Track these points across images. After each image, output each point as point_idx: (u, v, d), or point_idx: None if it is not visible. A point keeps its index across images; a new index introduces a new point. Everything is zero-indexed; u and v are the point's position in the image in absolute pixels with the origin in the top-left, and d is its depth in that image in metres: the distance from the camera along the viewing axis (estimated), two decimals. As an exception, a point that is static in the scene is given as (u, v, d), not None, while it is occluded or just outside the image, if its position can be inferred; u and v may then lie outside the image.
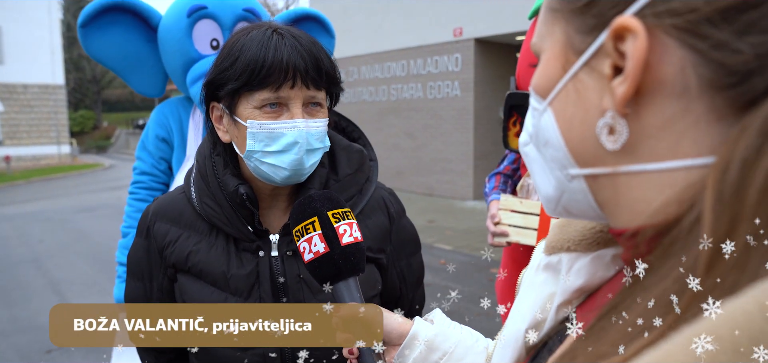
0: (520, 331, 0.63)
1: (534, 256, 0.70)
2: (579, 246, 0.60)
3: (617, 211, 0.48)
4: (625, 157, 0.44)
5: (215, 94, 1.07)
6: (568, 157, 0.49)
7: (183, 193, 1.18)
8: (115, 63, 2.36)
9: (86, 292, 6.08)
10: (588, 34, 0.45)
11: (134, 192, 2.34)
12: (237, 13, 2.27)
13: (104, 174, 19.94)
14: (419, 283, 1.34)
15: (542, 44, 0.51)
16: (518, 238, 2.00)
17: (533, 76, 0.52)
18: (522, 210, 2.02)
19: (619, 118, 0.43)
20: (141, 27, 2.35)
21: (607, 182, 0.47)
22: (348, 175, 1.16)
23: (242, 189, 1.08)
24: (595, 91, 0.45)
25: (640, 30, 0.40)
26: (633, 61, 0.40)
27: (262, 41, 1.01)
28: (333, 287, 0.88)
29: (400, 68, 11.62)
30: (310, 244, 0.88)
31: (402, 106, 11.64)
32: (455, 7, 10.42)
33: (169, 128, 2.33)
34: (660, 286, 0.38)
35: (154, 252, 1.17)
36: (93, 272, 6.82)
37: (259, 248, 1.12)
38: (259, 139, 1.03)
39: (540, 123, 0.51)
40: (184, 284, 1.13)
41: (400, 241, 1.25)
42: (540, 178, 0.54)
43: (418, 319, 0.87)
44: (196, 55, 2.24)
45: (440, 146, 11.09)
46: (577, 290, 0.58)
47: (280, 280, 1.11)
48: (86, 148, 32.60)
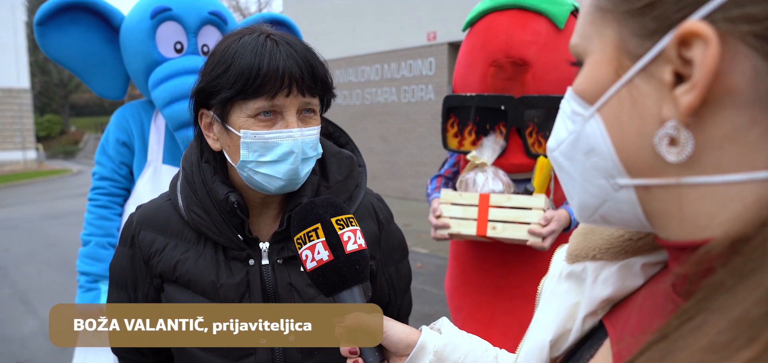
0: (544, 342, 0.60)
1: (554, 264, 0.67)
2: (606, 254, 0.58)
3: (671, 223, 0.45)
4: (686, 169, 0.42)
5: (206, 102, 1.04)
6: (618, 167, 0.46)
7: (169, 201, 1.15)
8: (75, 63, 2.28)
9: (56, 301, 5.84)
10: (647, 37, 0.42)
11: (94, 198, 2.26)
12: (202, 15, 2.22)
13: (72, 180, 19.44)
14: (407, 289, 1.34)
15: (588, 45, 0.48)
16: (459, 229, 2.06)
17: (576, 80, 0.49)
18: (461, 202, 2.08)
19: (683, 129, 0.41)
20: (102, 27, 2.27)
21: (662, 193, 0.45)
22: (339, 182, 1.15)
23: (233, 197, 1.05)
24: (652, 98, 0.42)
25: (712, 36, 0.37)
26: (703, 69, 0.38)
27: (256, 48, 0.97)
28: (336, 296, 0.84)
29: (374, 72, 11.61)
30: (313, 252, 0.83)
31: (376, 110, 11.63)
32: (429, 11, 10.46)
33: (130, 132, 2.26)
34: (738, 307, 0.35)
35: (140, 261, 1.13)
36: (62, 281, 6.60)
37: (249, 257, 1.10)
38: (253, 149, 1.00)
39: (584, 130, 0.48)
40: (171, 294, 1.10)
41: (389, 248, 1.25)
42: (575, 185, 0.51)
43: (426, 328, 0.84)
44: (159, 58, 2.18)
45: (414, 150, 11.10)
46: (604, 300, 0.57)
47: (270, 288, 1.09)
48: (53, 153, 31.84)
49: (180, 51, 2.21)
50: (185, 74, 2.12)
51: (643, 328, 0.50)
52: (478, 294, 2.26)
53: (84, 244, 2.23)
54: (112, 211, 2.25)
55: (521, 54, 1.99)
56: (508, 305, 2.20)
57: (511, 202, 2.00)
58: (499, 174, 2.10)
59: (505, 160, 2.12)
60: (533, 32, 2.00)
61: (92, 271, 2.20)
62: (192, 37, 2.20)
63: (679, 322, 0.39)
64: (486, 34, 2.06)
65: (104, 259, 2.22)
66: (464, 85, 2.18)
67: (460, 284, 2.33)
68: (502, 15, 2.05)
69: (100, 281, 2.23)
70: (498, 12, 2.06)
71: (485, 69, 2.07)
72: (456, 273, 2.37)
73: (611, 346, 0.53)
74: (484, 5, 2.10)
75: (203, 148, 1.11)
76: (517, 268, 2.18)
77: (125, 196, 2.31)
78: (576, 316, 0.59)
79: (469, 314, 2.25)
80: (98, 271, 2.21)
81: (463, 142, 2.20)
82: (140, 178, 2.24)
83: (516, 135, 2.11)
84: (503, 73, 2.04)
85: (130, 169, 2.29)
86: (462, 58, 2.21)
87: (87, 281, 2.21)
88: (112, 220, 2.25)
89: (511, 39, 2.00)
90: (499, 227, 2.00)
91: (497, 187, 2.07)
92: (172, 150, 2.26)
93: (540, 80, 2.02)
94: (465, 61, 2.18)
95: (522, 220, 1.98)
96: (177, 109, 2.09)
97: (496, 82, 2.07)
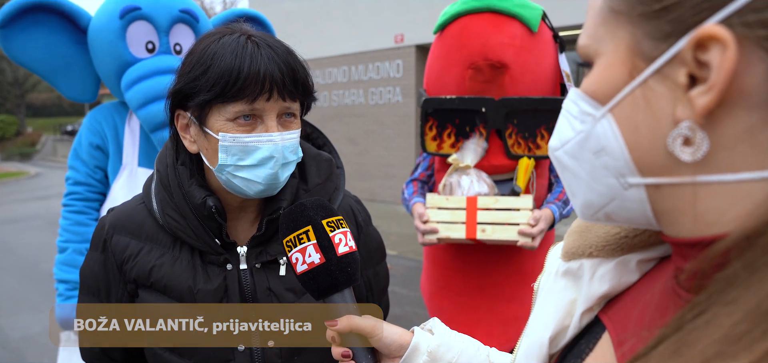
0: (543, 338, 0.61)
1: (549, 262, 0.69)
2: (602, 252, 0.59)
3: (679, 221, 0.47)
4: (699, 168, 0.43)
5: (183, 103, 1.01)
6: (630, 166, 0.47)
7: (142, 204, 1.12)
8: (41, 67, 2.21)
9: (15, 309, 5.68)
10: (662, 40, 0.43)
11: (69, 204, 2.20)
12: (173, 14, 2.19)
13: (30, 182, 18.76)
14: (384, 292, 1.32)
15: (598, 47, 0.49)
16: (448, 233, 2.05)
17: (586, 80, 0.50)
18: (448, 206, 2.07)
19: (698, 130, 0.42)
20: (68, 28, 2.21)
21: (671, 192, 0.46)
22: (318, 185, 1.14)
23: (211, 201, 1.03)
24: (667, 99, 0.43)
25: (730, 41, 0.39)
26: (721, 72, 0.39)
27: (236, 50, 0.95)
28: (328, 300, 0.82)
29: (342, 74, 11.59)
30: (303, 255, 0.81)
31: (344, 112, 11.61)
32: (396, 14, 10.50)
33: (103, 135, 2.21)
34: (752, 299, 0.37)
35: (112, 266, 1.10)
36: (21, 288, 6.37)
37: (226, 261, 1.08)
38: (231, 153, 0.98)
39: (594, 129, 0.49)
40: (146, 300, 1.08)
41: (367, 250, 1.24)
42: (580, 184, 0.52)
43: (418, 329, 0.84)
44: (130, 59, 2.14)
45: (382, 152, 11.12)
46: (601, 296, 0.58)
47: (249, 293, 1.07)
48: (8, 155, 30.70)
49: (152, 51, 2.17)
50: (159, 74, 2.09)
51: (647, 323, 0.52)
52: (459, 296, 2.26)
53: (61, 251, 2.17)
54: (88, 216, 2.20)
55: (499, 56, 2.00)
56: (490, 306, 2.21)
57: (499, 204, 2.01)
58: (482, 176, 2.11)
59: (485, 162, 2.13)
60: (509, 35, 2.01)
61: (71, 279, 2.15)
62: (164, 37, 2.17)
63: (693, 315, 0.40)
64: (461, 37, 2.06)
65: None
66: (439, 88, 2.17)
67: (441, 287, 2.33)
68: (476, 18, 2.05)
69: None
70: (472, 15, 2.06)
71: (462, 71, 2.07)
72: (436, 276, 2.36)
73: (611, 340, 0.55)
74: (456, 8, 2.10)
75: (179, 149, 1.09)
76: (498, 269, 2.19)
77: (101, 201, 2.26)
78: (573, 313, 0.60)
79: (452, 316, 2.24)
80: (77, 278, 2.17)
81: (441, 145, 2.20)
82: (116, 181, 2.19)
83: (495, 137, 2.12)
84: (481, 76, 2.05)
85: (105, 173, 2.23)
86: (435, 61, 2.20)
87: (66, 289, 2.15)
88: (89, 225, 2.19)
89: (488, 42, 2.00)
90: (489, 229, 2.00)
91: (482, 189, 2.07)
92: (147, 152, 2.22)
93: (517, 82, 2.04)
94: (439, 64, 2.17)
95: (511, 221, 1.99)
96: (152, 111, 2.06)
97: (473, 85, 2.07)
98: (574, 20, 6.62)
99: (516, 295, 2.19)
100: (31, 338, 4.90)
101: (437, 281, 2.35)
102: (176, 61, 2.16)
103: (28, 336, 4.96)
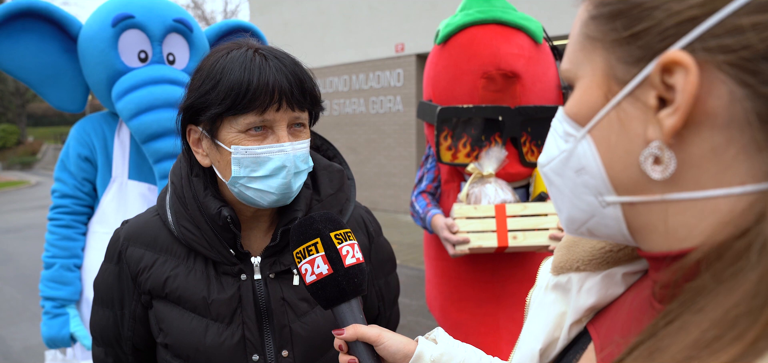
0: (534, 351, 0.64)
1: (540, 276, 0.71)
2: (588, 265, 0.62)
3: (652, 237, 0.49)
4: (669, 186, 0.46)
5: (194, 118, 1.02)
6: (607, 185, 0.50)
7: (157, 216, 1.14)
8: (29, 75, 2.14)
9: (16, 318, 5.63)
10: (633, 64, 0.45)
11: (56, 218, 2.13)
12: (167, 23, 2.14)
13: (31, 192, 18.75)
14: (395, 302, 1.35)
15: (578, 71, 0.51)
16: (480, 242, 2.05)
17: (568, 103, 0.53)
18: (477, 215, 2.07)
19: (666, 150, 0.44)
20: (58, 36, 2.15)
21: (644, 209, 0.48)
22: (330, 195, 1.16)
23: (226, 212, 1.05)
24: (638, 121, 0.46)
25: (691, 65, 0.41)
26: (684, 95, 0.42)
27: (245, 63, 0.98)
28: (335, 309, 0.86)
29: (343, 83, 11.57)
30: (312, 266, 0.85)
31: (344, 121, 11.58)
32: (397, 23, 10.49)
33: (91, 146, 2.14)
34: (719, 308, 0.39)
35: (127, 278, 1.12)
36: (22, 297, 6.33)
37: (240, 271, 1.09)
38: (244, 165, 1.00)
39: (576, 150, 0.51)
40: (161, 311, 1.09)
41: (378, 260, 1.26)
42: (564, 200, 0.54)
43: (422, 338, 0.87)
44: (122, 68, 2.08)
45: (383, 161, 11.09)
46: (589, 309, 0.61)
47: (263, 303, 1.09)
48: (9, 164, 30.73)
49: (144, 60, 2.12)
50: (151, 84, 2.03)
51: (626, 332, 0.55)
52: (477, 307, 2.25)
53: (47, 267, 2.10)
54: (76, 230, 2.13)
55: (512, 66, 2.04)
56: (510, 314, 2.21)
57: (527, 211, 2.03)
58: (502, 184, 2.12)
59: (501, 170, 2.15)
60: (518, 46, 2.05)
61: (58, 296, 2.08)
62: (157, 46, 2.12)
63: (665, 322, 0.43)
64: (471, 47, 2.08)
65: (70, 283, 2.09)
66: (450, 98, 2.18)
67: (456, 300, 2.31)
68: (484, 29, 2.08)
69: (67, 306, 2.11)
70: (479, 26, 2.09)
71: (474, 81, 2.09)
72: (448, 289, 2.33)
73: (595, 350, 0.58)
74: (463, 20, 2.12)
75: (192, 162, 1.10)
76: (512, 276, 2.20)
77: (89, 214, 2.18)
78: (563, 325, 0.63)
79: (473, 328, 2.24)
80: (65, 295, 2.09)
81: (457, 155, 2.20)
82: (105, 195, 2.12)
83: (510, 145, 2.15)
84: (493, 85, 2.08)
85: (94, 186, 2.17)
86: (444, 71, 2.19)
87: (53, 306, 2.08)
88: (77, 240, 2.13)
89: (499, 52, 2.04)
90: (520, 236, 2.01)
91: (508, 197, 2.08)
92: (138, 164, 2.16)
93: (528, 91, 2.09)
94: (449, 74, 2.17)
95: (541, 226, 2.00)
96: (144, 121, 2.00)
97: (486, 94, 2.10)
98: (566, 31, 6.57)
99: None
100: (33, 348, 4.84)
101: (451, 294, 2.33)
102: (169, 70, 2.11)
103: (30, 346, 4.90)
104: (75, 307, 2.15)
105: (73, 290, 2.10)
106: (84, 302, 2.15)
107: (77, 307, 2.16)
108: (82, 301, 2.16)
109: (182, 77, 2.12)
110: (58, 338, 2.09)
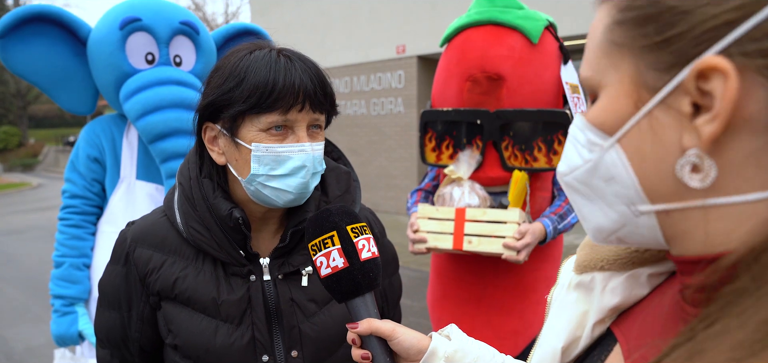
0: (556, 349, 0.64)
1: (562, 274, 0.71)
2: (613, 265, 0.61)
3: (689, 242, 0.48)
4: (709, 192, 0.44)
5: (214, 116, 1.03)
6: (640, 194, 0.48)
7: (164, 217, 1.14)
8: (40, 78, 2.19)
9: (18, 320, 5.65)
10: (665, 71, 0.44)
11: (66, 218, 2.17)
12: (174, 26, 2.17)
13: (32, 193, 18.76)
14: (398, 303, 1.36)
15: (602, 79, 0.50)
16: (436, 243, 2.08)
17: (592, 111, 0.51)
18: (438, 217, 2.10)
19: (706, 158, 0.43)
20: (68, 39, 2.19)
21: (681, 216, 0.47)
22: (337, 197, 1.17)
23: (237, 213, 1.05)
24: (672, 129, 0.45)
25: (731, 71, 0.40)
26: (724, 101, 0.41)
27: (270, 63, 0.99)
28: (349, 303, 0.86)
29: (344, 85, 11.60)
30: (328, 259, 0.85)
31: (345, 123, 11.61)
32: (398, 24, 10.52)
33: (101, 148, 2.19)
34: (763, 310, 0.38)
35: (135, 279, 1.11)
36: (24, 299, 6.35)
37: (250, 272, 1.09)
38: (264, 163, 1.01)
39: (603, 159, 0.50)
40: (170, 312, 1.09)
41: (383, 261, 1.26)
42: (592, 209, 0.53)
43: (436, 334, 0.87)
44: (130, 70, 2.12)
45: (384, 162, 11.11)
46: (612, 308, 0.60)
47: (272, 304, 1.09)
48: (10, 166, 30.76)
49: (152, 62, 2.16)
50: (158, 85, 2.07)
51: (655, 334, 0.53)
52: (456, 307, 2.27)
53: (57, 265, 2.14)
54: (85, 230, 2.18)
55: (496, 69, 2.04)
56: (487, 318, 2.21)
57: (486, 216, 2.02)
58: (475, 188, 2.12)
59: (482, 174, 2.15)
60: (508, 47, 2.05)
61: (67, 294, 2.12)
62: (164, 48, 2.16)
63: (705, 325, 0.41)
64: (461, 50, 2.10)
65: (79, 281, 2.14)
66: (441, 100, 2.21)
67: (439, 297, 2.34)
68: (477, 30, 2.10)
69: (76, 304, 2.15)
70: (474, 28, 2.11)
71: (461, 84, 2.11)
72: (436, 286, 2.37)
73: (622, 352, 0.56)
74: (461, 21, 2.14)
75: (203, 163, 1.11)
76: (495, 282, 2.19)
77: (98, 214, 2.23)
78: (585, 324, 0.62)
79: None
80: (74, 293, 2.13)
81: (440, 157, 2.23)
82: (113, 195, 2.17)
83: (492, 148, 2.14)
84: (478, 88, 2.08)
85: (103, 186, 2.21)
86: (439, 73, 2.25)
87: (62, 305, 2.13)
88: (86, 240, 2.17)
89: (486, 54, 2.04)
90: (475, 241, 2.02)
91: (473, 201, 2.09)
92: (146, 165, 2.20)
93: (515, 94, 2.07)
94: (442, 77, 2.22)
95: (497, 233, 2.00)
96: (151, 121, 2.04)
97: (472, 97, 2.10)
98: (586, 30, 6.60)
99: (515, 308, 2.18)
100: (35, 349, 4.87)
101: (437, 291, 2.37)
102: (176, 72, 2.15)
103: (32, 347, 4.93)
104: (84, 305, 2.19)
105: (82, 289, 2.14)
106: (93, 301, 2.20)
107: (86, 306, 2.21)
108: (90, 300, 2.21)
109: (189, 79, 2.16)
110: (66, 336, 2.13)
